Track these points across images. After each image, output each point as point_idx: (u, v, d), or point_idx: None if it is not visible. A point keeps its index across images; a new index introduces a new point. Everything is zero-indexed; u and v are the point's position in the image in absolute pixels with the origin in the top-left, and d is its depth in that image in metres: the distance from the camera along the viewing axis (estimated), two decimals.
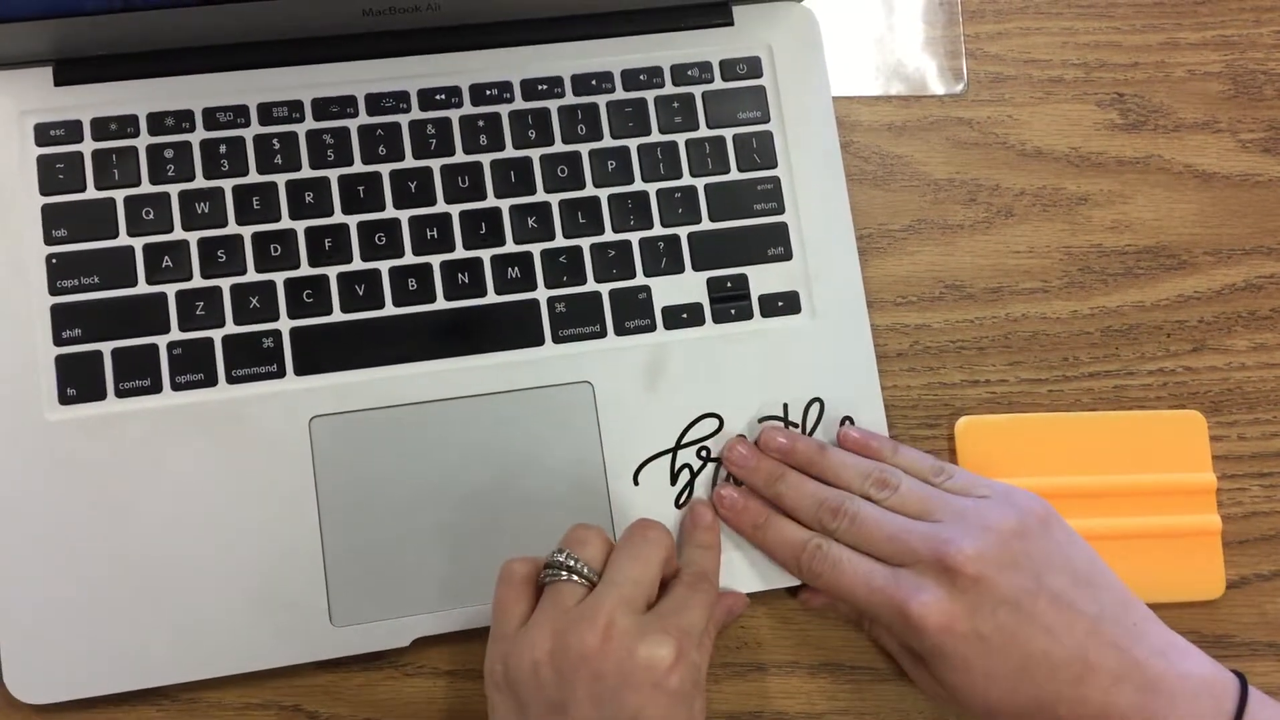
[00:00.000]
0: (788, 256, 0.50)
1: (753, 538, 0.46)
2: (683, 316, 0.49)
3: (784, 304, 0.49)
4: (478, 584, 0.45)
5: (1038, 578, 0.40)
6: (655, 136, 0.50)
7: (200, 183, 0.48)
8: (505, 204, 0.49)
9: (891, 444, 0.47)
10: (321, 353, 0.47)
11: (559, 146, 0.49)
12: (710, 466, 0.47)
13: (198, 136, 0.48)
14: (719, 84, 0.51)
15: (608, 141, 0.50)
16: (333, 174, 0.48)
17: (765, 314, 0.49)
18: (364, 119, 0.49)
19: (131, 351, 0.46)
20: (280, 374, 0.46)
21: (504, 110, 0.50)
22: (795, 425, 0.48)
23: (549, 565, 0.41)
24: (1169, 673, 0.40)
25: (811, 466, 0.46)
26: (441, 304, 0.48)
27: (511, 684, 0.39)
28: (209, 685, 0.45)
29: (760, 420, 0.48)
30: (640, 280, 0.49)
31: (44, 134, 0.47)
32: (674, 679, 0.38)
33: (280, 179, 0.48)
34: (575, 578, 0.40)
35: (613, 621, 0.38)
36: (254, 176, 0.48)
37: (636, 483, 0.47)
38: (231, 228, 0.47)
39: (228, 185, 0.48)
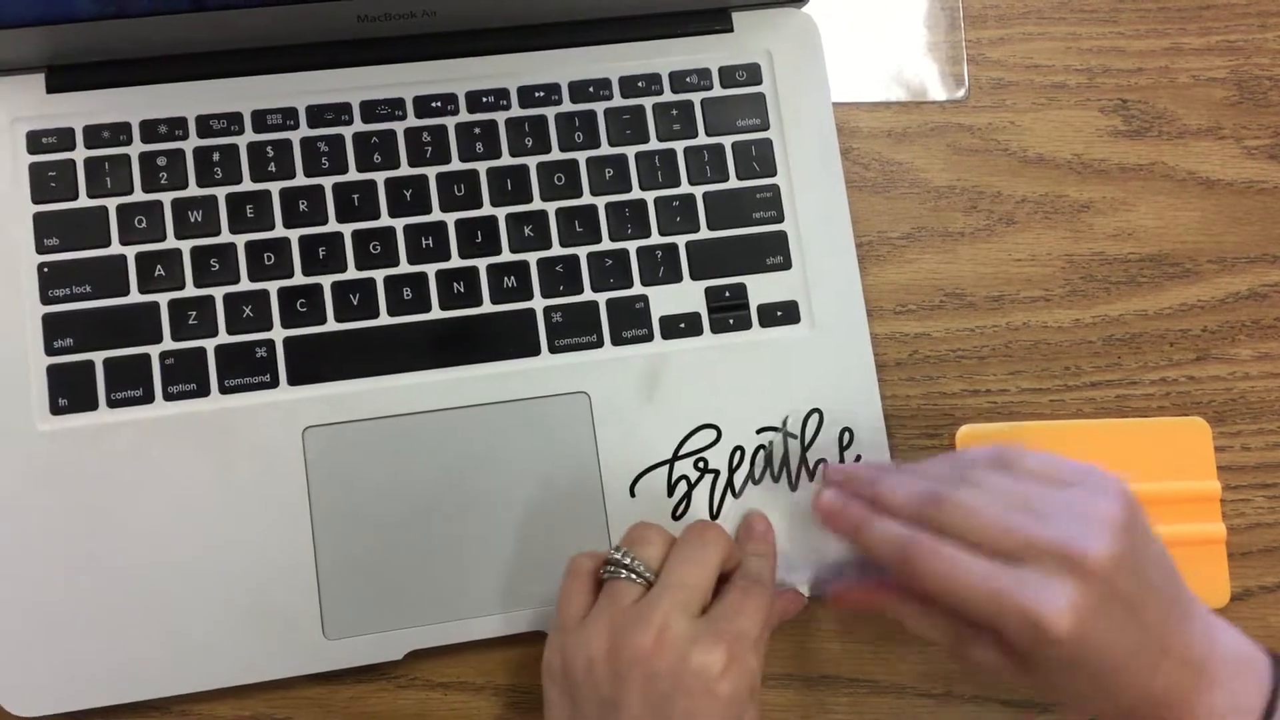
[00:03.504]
0: (787, 266, 0.49)
1: (854, 537, 0.42)
2: (680, 326, 0.48)
3: (783, 314, 0.49)
4: (472, 597, 0.45)
5: (1140, 572, 0.38)
6: (653, 144, 0.49)
7: (193, 190, 0.47)
8: (501, 212, 0.48)
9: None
10: (315, 363, 0.46)
11: (556, 154, 0.49)
12: (708, 478, 0.47)
13: (191, 144, 0.47)
14: (718, 91, 0.50)
15: (605, 149, 0.49)
16: (327, 181, 0.48)
17: (764, 324, 0.48)
18: (359, 126, 0.48)
19: (123, 361, 0.46)
20: (274, 384, 0.46)
21: (500, 117, 0.49)
22: (794, 437, 0.47)
23: (608, 562, 0.41)
24: (1214, 652, 0.39)
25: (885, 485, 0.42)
26: (437, 313, 0.47)
27: (567, 677, 0.40)
28: (201, 698, 0.45)
29: (758, 432, 0.47)
30: (638, 290, 0.48)
31: (36, 141, 0.47)
32: (725, 685, 0.38)
33: (274, 187, 0.47)
34: (633, 576, 0.41)
35: (667, 625, 0.38)
36: (248, 184, 0.47)
37: (633, 494, 0.46)
38: (225, 236, 0.47)
39: (221, 193, 0.47)
